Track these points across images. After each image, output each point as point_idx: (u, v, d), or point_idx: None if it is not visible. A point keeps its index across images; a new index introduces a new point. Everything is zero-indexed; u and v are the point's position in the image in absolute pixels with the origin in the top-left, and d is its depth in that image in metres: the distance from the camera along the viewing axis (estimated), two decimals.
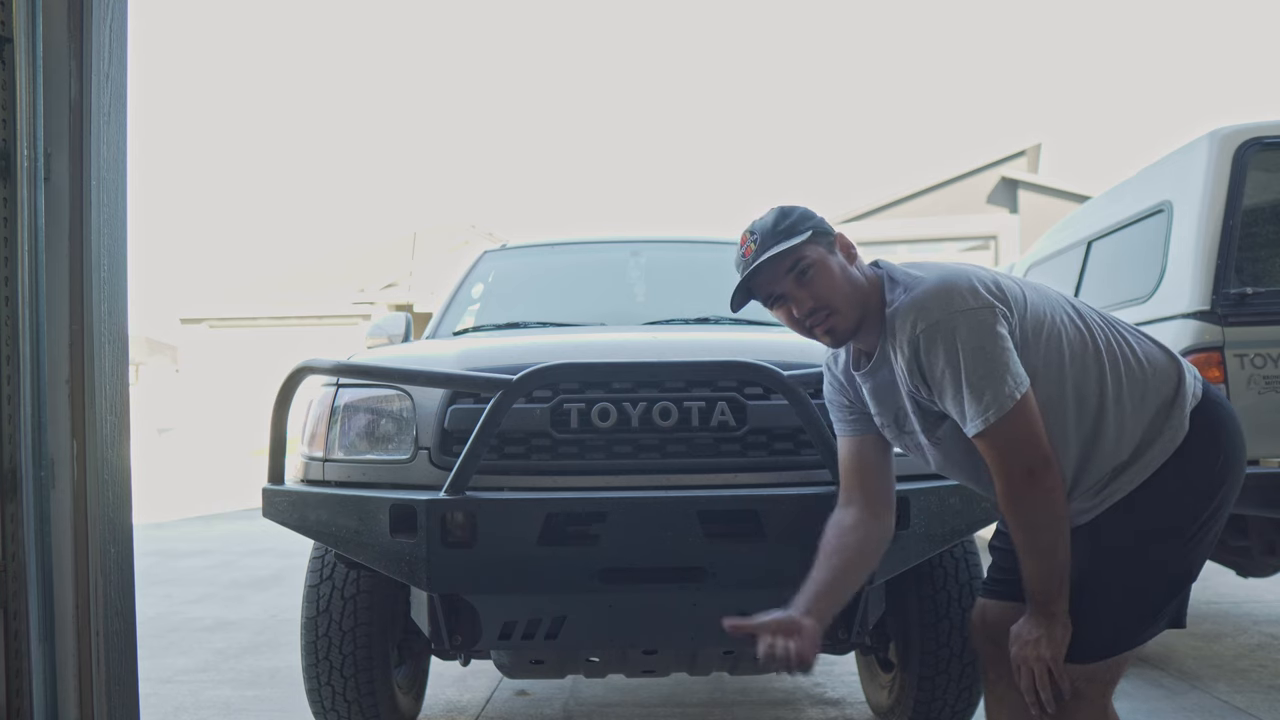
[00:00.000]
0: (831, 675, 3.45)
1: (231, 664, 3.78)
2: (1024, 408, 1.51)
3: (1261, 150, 3.18)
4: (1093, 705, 1.62)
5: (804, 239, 1.64)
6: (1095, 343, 1.63)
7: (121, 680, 1.94)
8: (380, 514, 1.97)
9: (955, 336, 1.52)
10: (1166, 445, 1.60)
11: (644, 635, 2.11)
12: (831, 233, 1.69)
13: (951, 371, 1.53)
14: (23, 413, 1.80)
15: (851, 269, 1.68)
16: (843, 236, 1.71)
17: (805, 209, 1.71)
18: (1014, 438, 1.52)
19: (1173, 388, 1.64)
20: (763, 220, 1.70)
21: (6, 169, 1.79)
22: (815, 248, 1.65)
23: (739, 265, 1.70)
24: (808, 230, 1.65)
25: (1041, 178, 19.61)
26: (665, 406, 2.06)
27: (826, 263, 1.66)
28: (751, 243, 1.67)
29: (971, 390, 1.51)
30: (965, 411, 1.53)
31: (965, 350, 1.52)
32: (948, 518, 2.06)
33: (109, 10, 1.92)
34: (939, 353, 1.54)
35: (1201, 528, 1.61)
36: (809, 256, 1.64)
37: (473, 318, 3.45)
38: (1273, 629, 4.11)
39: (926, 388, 1.59)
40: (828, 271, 1.65)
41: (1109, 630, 1.59)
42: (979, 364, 1.51)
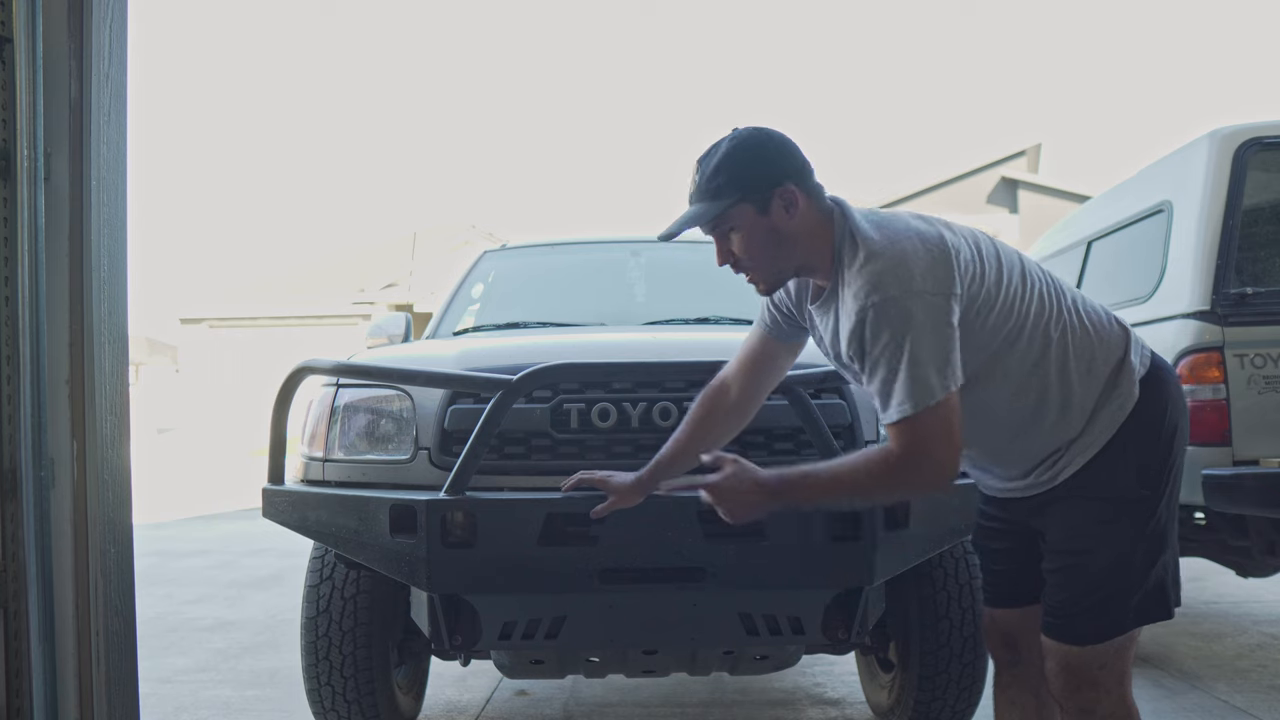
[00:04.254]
0: (831, 675, 3.45)
1: (231, 664, 3.78)
2: (945, 408, 1.47)
3: (1261, 150, 3.18)
4: (1109, 695, 1.61)
5: (728, 204, 1.58)
6: (1049, 309, 1.60)
7: (121, 680, 1.94)
8: (380, 514, 1.97)
9: (904, 320, 1.47)
10: (1116, 414, 1.59)
11: (644, 635, 2.11)
12: (770, 188, 1.59)
13: (891, 352, 1.48)
14: (23, 413, 1.80)
15: (787, 225, 1.60)
16: (786, 189, 1.59)
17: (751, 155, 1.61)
18: (926, 436, 1.48)
19: (1119, 355, 1.62)
20: (708, 159, 1.62)
21: (6, 169, 1.79)
22: (743, 209, 1.59)
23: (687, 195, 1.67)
24: (736, 193, 1.58)
25: (1041, 178, 19.62)
26: (665, 406, 2.06)
27: (753, 226, 1.60)
28: (692, 180, 1.64)
29: (905, 377, 1.47)
30: (890, 396, 1.49)
31: (911, 335, 1.47)
32: (947, 518, 2.06)
33: (109, 10, 1.92)
34: (884, 331, 1.49)
35: (1161, 493, 1.60)
36: (730, 220, 1.60)
37: (473, 318, 3.45)
38: (1273, 629, 4.11)
39: (859, 359, 1.56)
40: (750, 236, 1.61)
41: (1104, 607, 1.59)
42: (919, 351, 1.46)
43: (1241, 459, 3.00)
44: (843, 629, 2.10)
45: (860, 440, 2.13)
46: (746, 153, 1.61)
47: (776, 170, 1.60)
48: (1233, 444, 3.00)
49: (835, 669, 3.50)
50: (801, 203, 1.61)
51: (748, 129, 1.64)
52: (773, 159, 1.61)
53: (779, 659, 2.34)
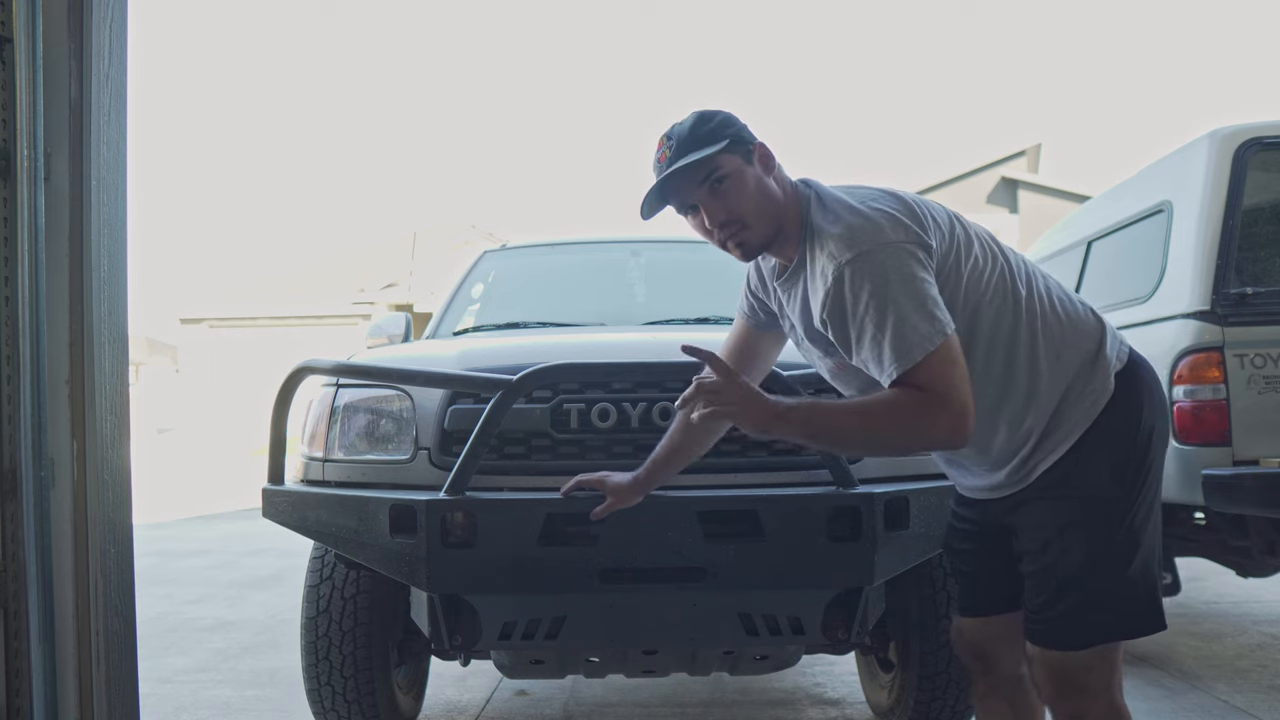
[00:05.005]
0: (831, 675, 3.45)
1: (231, 664, 3.78)
2: (948, 351, 1.42)
3: (1261, 150, 3.18)
4: (1098, 700, 1.58)
5: (720, 148, 1.54)
6: (1018, 288, 1.57)
7: (121, 680, 1.94)
8: (380, 514, 1.97)
9: (881, 272, 1.44)
10: (1089, 409, 1.55)
11: (644, 635, 2.10)
12: (751, 141, 1.59)
13: (876, 307, 1.43)
14: (23, 413, 1.80)
15: (768, 181, 1.59)
16: (763, 146, 1.60)
17: (727, 114, 1.61)
18: (933, 382, 1.42)
19: (1093, 347, 1.58)
20: (681, 125, 1.59)
21: (6, 169, 1.79)
22: (732, 158, 1.56)
23: (655, 170, 1.61)
24: (725, 138, 1.55)
25: (1041, 178, 19.63)
26: (665, 406, 2.06)
27: (742, 174, 1.57)
28: (667, 148, 1.58)
29: (893, 330, 1.42)
30: (884, 354, 1.43)
31: (891, 286, 1.43)
32: (947, 518, 2.06)
33: (109, 10, 1.92)
34: (864, 287, 1.44)
35: (1135, 495, 1.56)
36: (724, 167, 1.55)
37: (473, 318, 3.45)
38: (1273, 629, 4.11)
39: (841, 327, 1.50)
40: (742, 183, 1.57)
41: (1081, 612, 1.54)
42: (903, 301, 1.42)
43: (1241, 459, 3.00)
44: (843, 629, 2.10)
45: None
46: (719, 115, 1.60)
47: (747, 130, 1.60)
48: (1233, 444, 3.00)
49: (835, 669, 3.50)
50: (773, 165, 1.61)
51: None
52: (739, 121, 1.60)
53: (779, 659, 2.34)
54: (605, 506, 1.89)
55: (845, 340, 1.50)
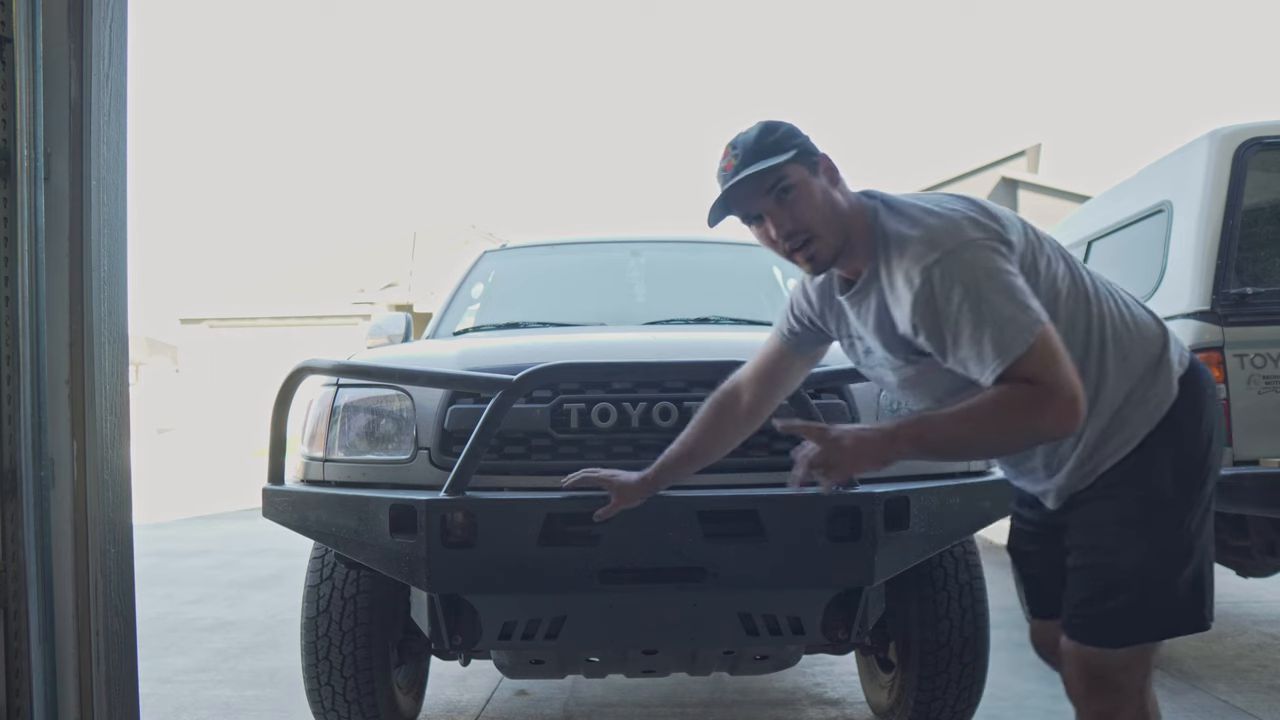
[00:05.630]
0: (831, 675, 3.45)
1: (231, 664, 3.78)
2: (1047, 340, 1.42)
3: (1261, 150, 3.18)
4: (1130, 702, 1.58)
5: (786, 158, 1.54)
6: (1087, 291, 1.58)
7: (121, 680, 1.94)
8: (380, 514, 1.97)
9: (969, 269, 1.44)
10: (1152, 411, 1.55)
11: (644, 635, 2.11)
12: (816, 153, 1.59)
13: (970, 304, 1.43)
14: (23, 413, 1.80)
15: (835, 193, 1.59)
16: (827, 159, 1.60)
17: (792, 125, 1.61)
18: (1041, 372, 1.41)
19: (1158, 351, 1.58)
20: (746, 134, 1.59)
21: (6, 169, 1.79)
22: (798, 168, 1.56)
23: (719, 179, 1.61)
24: (792, 149, 1.55)
25: (1041, 178, 19.60)
26: (665, 406, 2.06)
27: (809, 184, 1.56)
28: (733, 156, 1.58)
29: (992, 326, 1.41)
30: (986, 351, 1.42)
31: (982, 282, 1.43)
32: (948, 518, 2.06)
33: (109, 10, 1.92)
34: (955, 287, 1.43)
35: (1194, 500, 1.56)
36: (790, 177, 1.55)
37: (473, 318, 3.45)
38: (1273, 629, 4.11)
39: (931, 329, 1.48)
40: (809, 194, 1.56)
41: (1127, 611, 1.54)
42: (995, 296, 1.42)
43: (1241, 459, 3.00)
44: (843, 629, 2.10)
45: None
46: (784, 126, 1.60)
47: (814, 144, 1.60)
48: (1233, 444, 3.00)
49: (835, 669, 3.50)
50: (837, 176, 1.61)
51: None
52: (807, 135, 1.61)
53: (779, 659, 2.34)
54: (609, 507, 1.89)
55: (940, 342, 1.49)
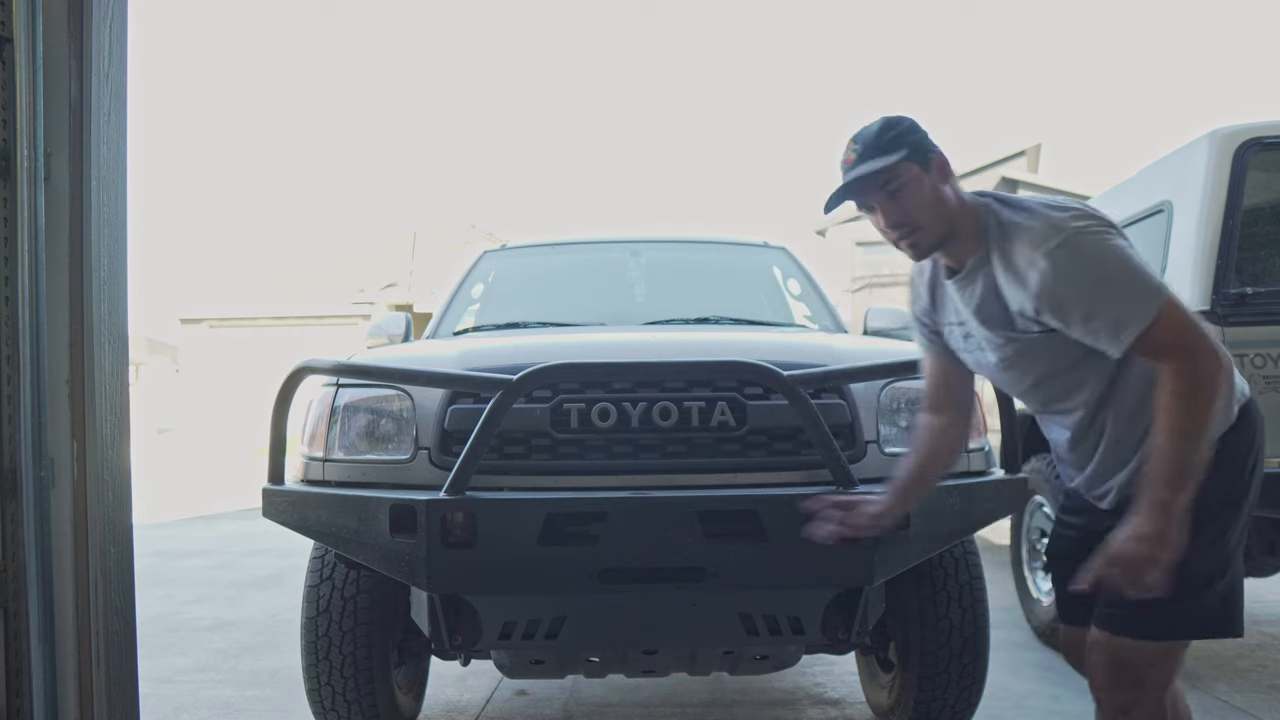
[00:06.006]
0: (831, 675, 3.45)
1: (231, 664, 3.78)
2: (1175, 305, 1.54)
3: (1261, 150, 3.17)
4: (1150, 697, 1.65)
5: (899, 157, 1.68)
6: None
7: (121, 680, 1.94)
8: (380, 514, 1.97)
9: (1094, 247, 1.56)
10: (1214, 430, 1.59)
11: (644, 635, 2.11)
12: (930, 151, 1.72)
13: (1098, 278, 1.55)
14: (23, 413, 1.80)
15: (944, 189, 1.72)
16: (941, 156, 1.73)
17: (911, 123, 1.74)
18: (1179, 329, 1.53)
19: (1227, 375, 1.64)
20: (867, 129, 1.74)
21: (6, 169, 1.79)
22: (910, 166, 1.69)
23: (841, 170, 1.75)
24: (905, 148, 1.69)
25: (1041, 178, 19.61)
26: (665, 406, 2.06)
27: (918, 182, 1.69)
28: (853, 150, 1.73)
29: (1124, 293, 1.54)
30: (1120, 319, 1.54)
31: (1107, 257, 1.56)
32: (948, 518, 2.06)
33: (109, 10, 1.92)
34: (1082, 264, 1.56)
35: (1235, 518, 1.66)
36: (902, 175, 1.68)
37: (473, 318, 3.45)
38: (1273, 629, 4.12)
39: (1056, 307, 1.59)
40: (917, 191, 1.69)
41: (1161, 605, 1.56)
42: (1122, 272, 1.55)
43: None
44: (843, 629, 2.10)
45: (860, 440, 2.13)
46: (903, 123, 1.74)
47: (929, 140, 1.73)
48: None
49: (835, 669, 3.50)
50: (949, 174, 1.74)
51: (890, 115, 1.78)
52: (924, 132, 1.74)
53: (779, 659, 2.34)
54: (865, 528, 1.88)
55: (1069, 318, 1.59)
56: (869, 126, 1.74)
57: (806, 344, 2.48)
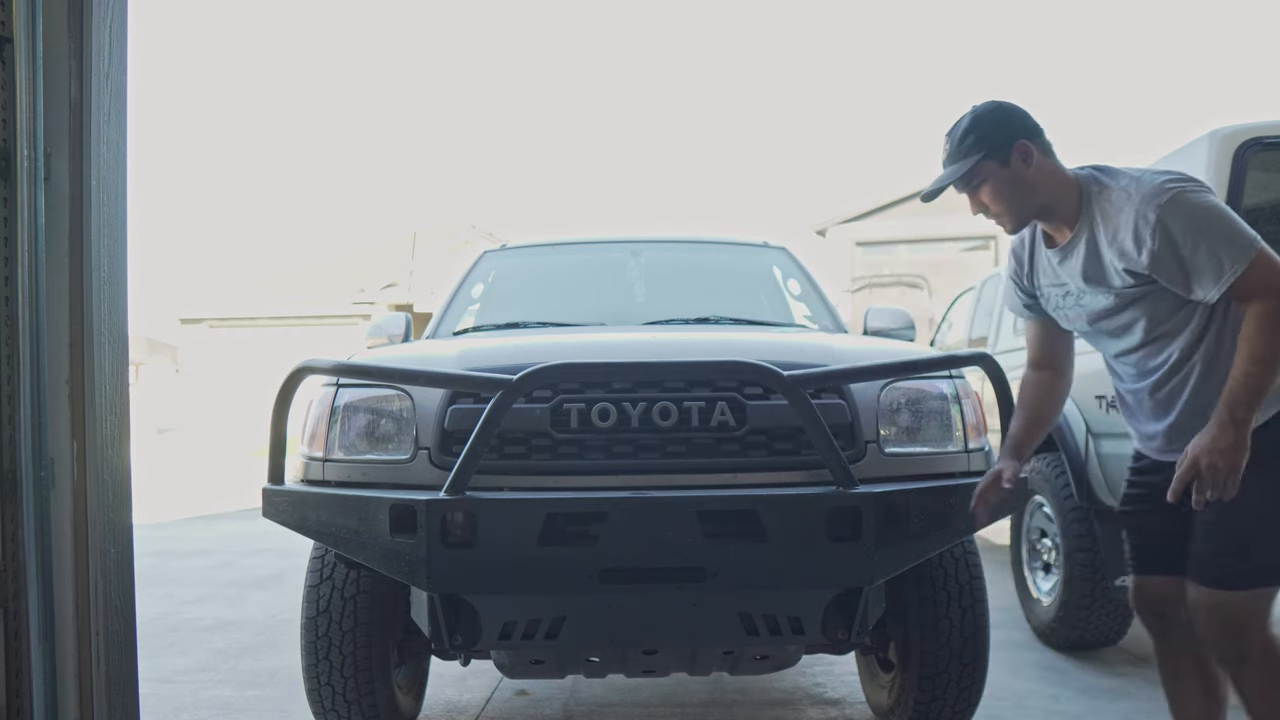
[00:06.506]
0: (831, 675, 3.45)
1: (231, 664, 3.78)
2: (1267, 253, 1.79)
3: (1261, 150, 3.17)
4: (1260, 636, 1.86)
5: (976, 160, 1.95)
6: None
7: (121, 680, 1.94)
8: (380, 514, 1.97)
9: (1195, 203, 1.82)
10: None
11: (644, 635, 2.11)
12: (1009, 144, 1.95)
13: (1201, 228, 1.80)
14: (23, 413, 1.80)
15: (1026, 174, 1.96)
16: (1021, 145, 1.95)
17: (994, 120, 1.98)
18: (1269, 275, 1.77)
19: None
20: (957, 127, 2.01)
21: (6, 169, 1.79)
22: (987, 165, 1.96)
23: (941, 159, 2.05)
24: (981, 151, 1.96)
25: None
26: (665, 406, 2.06)
27: (996, 178, 1.97)
28: (945, 146, 2.03)
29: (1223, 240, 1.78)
30: (1220, 263, 1.78)
31: (1208, 214, 1.81)
32: (948, 518, 2.06)
33: (109, 10, 1.92)
34: (1187, 219, 1.80)
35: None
36: (980, 175, 1.98)
37: (473, 318, 3.45)
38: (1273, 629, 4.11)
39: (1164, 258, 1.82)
40: (996, 185, 1.98)
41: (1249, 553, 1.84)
42: (1222, 223, 1.80)
43: None
44: (843, 629, 2.10)
45: (860, 440, 2.13)
46: (985, 118, 1.99)
47: (1011, 130, 1.98)
48: None
49: (835, 669, 3.51)
50: (1036, 155, 1.97)
51: (985, 101, 2.04)
52: (1007, 121, 1.99)
53: (779, 659, 2.34)
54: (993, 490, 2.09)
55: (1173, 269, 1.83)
56: (957, 124, 2.01)
57: (806, 344, 2.48)
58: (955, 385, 2.27)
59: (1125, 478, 2.15)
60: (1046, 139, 2.01)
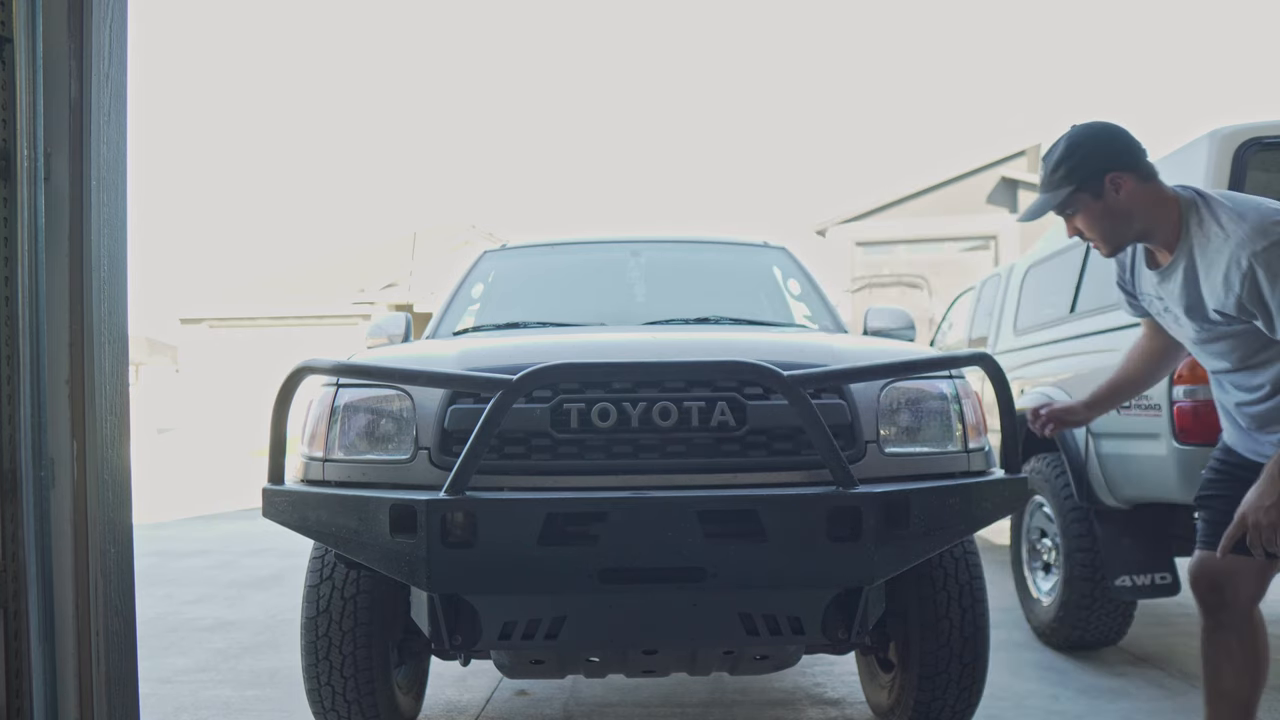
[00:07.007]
0: (831, 675, 3.45)
1: (231, 664, 3.79)
2: None
3: (1261, 150, 3.17)
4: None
5: (1068, 192, 2.00)
6: None
7: (121, 680, 1.94)
8: (380, 514, 1.97)
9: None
10: None
11: (644, 635, 2.10)
12: (1101, 175, 1.98)
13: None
14: (23, 413, 1.80)
15: (1120, 202, 2.00)
16: (1115, 176, 1.98)
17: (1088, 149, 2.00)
18: None
19: None
20: (1050, 154, 2.04)
21: (6, 169, 1.79)
22: (1080, 196, 2.01)
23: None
24: (1073, 183, 2.00)
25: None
26: (665, 406, 2.06)
27: (1087, 208, 2.03)
28: (1040, 174, 2.08)
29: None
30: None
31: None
32: (948, 518, 2.06)
33: (109, 10, 1.92)
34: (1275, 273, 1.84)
35: None
36: (1071, 205, 2.04)
37: (473, 318, 3.45)
38: (1273, 629, 4.10)
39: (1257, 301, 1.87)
40: (1087, 215, 2.04)
41: None
42: None
43: None
44: (843, 629, 2.10)
45: (860, 440, 2.13)
46: (1079, 148, 2.02)
47: (1104, 160, 2.00)
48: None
49: (835, 669, 3.51)
50: (1130, 184, 2.01)
51: (1081, 125, 2.06)
52: (1101, 150, 2.01)
53: (779, 659, 2.34)
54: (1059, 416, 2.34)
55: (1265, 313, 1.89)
56: (1053, 150, 2.04)
57: (806, 344, 2.48)
58: (955, 385, 2.27)
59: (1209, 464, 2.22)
60: (1146, 164, 2.02)
